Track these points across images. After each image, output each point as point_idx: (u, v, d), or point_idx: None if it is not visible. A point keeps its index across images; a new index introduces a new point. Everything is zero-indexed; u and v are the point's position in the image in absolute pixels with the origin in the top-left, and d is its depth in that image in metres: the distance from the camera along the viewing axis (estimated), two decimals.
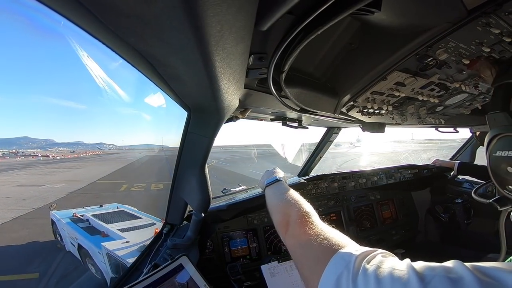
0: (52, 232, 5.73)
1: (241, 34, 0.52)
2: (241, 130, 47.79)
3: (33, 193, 11.13)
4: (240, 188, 2.22)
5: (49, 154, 61.22)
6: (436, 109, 1.52)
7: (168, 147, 47.60)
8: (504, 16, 0.70)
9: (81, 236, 4.48)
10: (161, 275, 1.02)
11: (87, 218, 5.13)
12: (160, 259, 1.32)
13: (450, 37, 0.80)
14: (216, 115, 1.01)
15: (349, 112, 1.28)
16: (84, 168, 24.10)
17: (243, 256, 1.88)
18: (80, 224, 4.95)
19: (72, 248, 4.79)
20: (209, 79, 0.64)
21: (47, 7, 0.43)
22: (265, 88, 0.98)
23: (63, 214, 5.63)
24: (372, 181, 2.41)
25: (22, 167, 24.70)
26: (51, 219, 5.72)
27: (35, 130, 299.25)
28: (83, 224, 4.96)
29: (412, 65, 0.99)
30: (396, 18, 0.74)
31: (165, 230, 1.50)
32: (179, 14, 0.39)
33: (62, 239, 5.20)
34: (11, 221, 7.09)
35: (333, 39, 0.91)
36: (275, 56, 0.69)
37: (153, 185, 12.02)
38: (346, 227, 2.31)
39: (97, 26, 0.48)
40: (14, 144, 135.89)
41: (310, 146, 2.87)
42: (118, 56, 0.60)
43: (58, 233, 5.42)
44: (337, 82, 1.10)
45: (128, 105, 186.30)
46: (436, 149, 23.74)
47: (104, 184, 13.47)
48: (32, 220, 7.19)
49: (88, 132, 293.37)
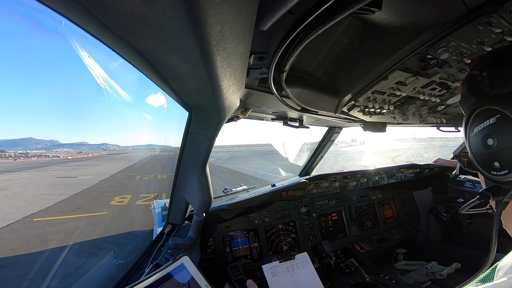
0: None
1: (242, 34, 0.52)
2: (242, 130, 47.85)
3: (73, 181, 14.95)
4: (241, 188, 2.23)
5: (59, 155, 67.68)
6: (437, 108, 1.52)
7: (171, 147, 48.34)
8: (506, 15, 0.70)
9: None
10: (162, 275, 1.02)
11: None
12: (161, 259, 1.32)
13: (451, 36, 0.80)
14: (217, 115, 1.01)
15: (350, 112, 1.28)
16: (100, 165, 27.68)
17: (244, 256, 1.88)
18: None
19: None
20: (210, 79, 0.64)
21: (47, 7, 0.44)
22: (266, 87, 0.98)
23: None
24: (374, 180, 2.41)
25: (46, 166, 29.05)
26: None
27: (39, 131, 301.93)
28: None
29: (413, 65, 0.99)
30: (396, 17, 0.74)
31: (167, 230, 1.51)
32: (179, 14, 0.40)
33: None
34: (74, 196, 10.48)
35: (334, 38, 0.91)
36: (276, 55, 0.68)
37: (159, 176, 16.11)
38: (347, 227, 2.31)
39: (98, 26, 0.48)
40: (19, 145, 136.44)
41: (311, 145, 2.87)
42: (119, 57, 0.60)
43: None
44: (338, 82, 1.09)
45: (130, 106, 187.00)
46: (438, 147, 23.79)
47: (122, 176, 17.06)
48: (86, 194, 10.83)
49: (92, 133, 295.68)
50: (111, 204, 8.78)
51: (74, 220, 7.14)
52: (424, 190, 2.76)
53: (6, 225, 6.68)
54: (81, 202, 9.27)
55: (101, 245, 5.34)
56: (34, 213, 7.84)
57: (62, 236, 5.81)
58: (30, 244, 5.41)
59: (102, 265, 3.45)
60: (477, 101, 0.54)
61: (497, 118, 0.49)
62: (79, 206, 8.71)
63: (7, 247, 5.21)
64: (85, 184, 13.49)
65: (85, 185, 13.12)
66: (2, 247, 5.20)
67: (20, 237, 5.79)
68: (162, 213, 1.87)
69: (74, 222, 6.92)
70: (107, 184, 13.32)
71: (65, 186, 13.16)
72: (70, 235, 5.86)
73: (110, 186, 12.74)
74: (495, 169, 0.52)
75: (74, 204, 9.03)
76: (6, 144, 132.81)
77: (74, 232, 6.00)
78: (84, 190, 11.77)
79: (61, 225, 6.64)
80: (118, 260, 2.74)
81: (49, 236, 5.87)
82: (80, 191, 11.40)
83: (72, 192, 11.21)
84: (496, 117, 0.50)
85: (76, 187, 12.57)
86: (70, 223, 6.78)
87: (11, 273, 4.28)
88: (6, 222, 6.85)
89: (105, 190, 11.61)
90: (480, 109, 0.53)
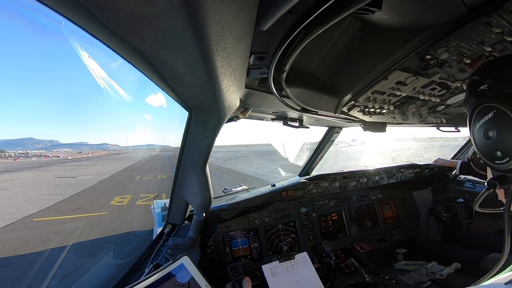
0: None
1: (242, 34, 0.52)
2: (242, 130, 47.90)
3: (73, 181, 15.00)
4: (241, 188, 2.23)
5: (59, 155, 68.62)
6: (437, 108, 1.52)
7: (171, 147, 48.55)
8: (505, 15, 0.70)
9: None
10: (162, 275, 1.02)
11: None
12: (161, 259, 1.32)
13: (451, 36, 0.80)
14: (217, 115, 1.01)
15: (350, 112, 1.28)
16: (100, 165, 27.74)
17: (244, 256, 1.88)
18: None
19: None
20: (210, 79, 0.64)
21: (48, 7, 0.44)
22: (266, 87, 0.98)
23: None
24: (374, 180, 2.41)
25: (46, 166, 29.10)
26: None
27: (39, 131, 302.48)
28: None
29: (413, 65, 0.99)
30: (396, 17, 0.74)
31: (167, 230, 1.51)
32: (179, 14, 0.40)
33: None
34: (74, 196, 10.57)
35: (334, 38, 0.91)
36: (275, 55, 0.68)
37: (159, 176, 16.15)
38: (347, 227, 2.31)
39: (98, 26, 0.48)
40: (19, 145, 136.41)
41: (311, 145, 2.87)
42: (119, 57, 0.60)
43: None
44: (338, 82, 1.09)
45: (130, 106, 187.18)
46: (438, 147, 23.84)
47: (122, 176, 17.10)
48: (86, 194, 10.93)
49: (92, 133, 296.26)
50: (111, 204, 8.84)
51: (74, 220, 7.17)
52: (424, 190, 2.76)
53: (6, 225, 6.70)
54: (81, 202, 9.33)
55: (101, 245, 5.36)
56: (34, 213, 7.87)
57: (62, 236, 5.83)
58: (30, 244, 5.42)
59: (102, 265, 3.45)
60: (477, 100, 0.63)
61: (494, 113, 0.58)
62: (79, 206, 8.76)
63: (7, 247, 5.22)
64: (85, 184, 13.57)
65: (85, 185, 13.20)
66: (2, 247, 5.21)
67: (20, 237, 5.80)
68: (162, 213, 1.87)
69: (74, 222, 6.95)
70: (107, 184, 13.41)
71: (65, 186, 13.26)
72: (70, 235, 5.88)
73: (110, 186, 12.83)
74: (498, 158, 0.58)
75: (74, 204, 9.07)
76: (6, 144, 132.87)
77: (74, 232, 6.02)
78: (84, 190, 11.85)
79: (61, 225, 6.66)
80: (118, 260, 2.75)
81: (49, 236, 5.88)
82: (80, 191, 11.47)
83: (72, 192, 11.28)
84: (493, 112, 0.58)
85: (76, 187, 12.65)
86: (70, 223, 6.81)
87: (11, 273, 4.28)
88: (6, 222, 6.87)
89: (105, 190, 11.68)
90: (480, 107, 0.62)
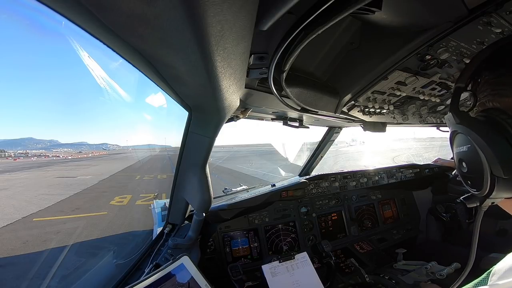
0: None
1: (242, 34, 0.52)
2: (242, 130, 47.98)
3: (73, 181, 15.07)
4: (241, 188, 2.23)
5: (59, 155, 69.06)
6: (437, 108, 1.52)
7: (171, 147, 48.64)
8: (506, 15, 0.70)
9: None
10: (162, 275, 1.02)
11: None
12: (161, 259, 1.32)
13: (451, 36, 0.80)
14: (217, 115, 1.01)
15: (350, 112, 1.28)
16: (100, 165, 27.78)
17: (244, 256, 1.88)
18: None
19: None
20: (210, 79, 0.64)
21: (47, 7, 0.44)
22: (266, 87, 0.98)
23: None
24: (373, 180, 2.41)
25: (46, 165, 29.24)
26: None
27: (39, 130, 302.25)
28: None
29: (413, 65, 0.99)
30: (397, 17, 0.74)
31: (167, 230, 1.51)
32: (179, 14, 0.39)
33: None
34: (73, 196, 10.58)
35: (334, 38, 0.91)
36: (275, 55, 0.68)
37: (159, 176, 16.20)
38: (347, 227, 2.31)
39: (98, 26, 0.48)
40: (19, 145, 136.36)
41: (311, 145, 2.87)
42: (119, 57, 0.60)
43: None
44: (338, 82, 1.09)
45: (130, 105, 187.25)
46: (438, 147, 23.86)
47: (122, 176, 17.14)
48: (86, 194, 10.94)
49: (92, 133, 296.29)
50: (111, 204, 8.89)
51: (74, 220, 7.19)
52: (424, 190, 2.76)
53: (5, 225, 6.71)
54: (81, 202, 9.36)
55: (101, 245, 5.37)
56: (33, 213, 7.90)
57: (61, 236, 5.85)
58: (30, 244, 5.44)
59: (102, 265, 3.45)
60: (456, 123, 0.58)
61: (467, 147, 0.55)
62: (79, 206, 8.80)
63: (7, 247, 5.23)
64: (84, 184, 13.62)
65: (85, 185, 13.25)
66: (1, 247, 5.22)
67: (19, 237, 5.82)
68: (162, 213, 1.87)
69: (74, 222, 6.97)
70: (107, 184, 13.49)
71: (65, 186, 13.31)
72: (70, 235, 5.90)
73: (110, 186, 12.89)
74: (468, 185, 0.59)
75: (74, 204, 9.09)
76: (6, 144, 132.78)
77: (73, 232, 6.03)
78: (84, 190, 11.88)
79: (61, 225, 6.68)
80: (118, 260, 2.75)
81: (48, 236, 5.90)
82: (80, 191, 11.49)
83: (72, 192, 11.30)
84: (467, 147, 0.55)
85: (75, 187, 12.67)
86: (70, 223, 6.83)
87: (11, 273, 4.28)
88: (6, 222, 6.89)
89: (105, 190, 11.71)
90: (457, 134, 0.58)
